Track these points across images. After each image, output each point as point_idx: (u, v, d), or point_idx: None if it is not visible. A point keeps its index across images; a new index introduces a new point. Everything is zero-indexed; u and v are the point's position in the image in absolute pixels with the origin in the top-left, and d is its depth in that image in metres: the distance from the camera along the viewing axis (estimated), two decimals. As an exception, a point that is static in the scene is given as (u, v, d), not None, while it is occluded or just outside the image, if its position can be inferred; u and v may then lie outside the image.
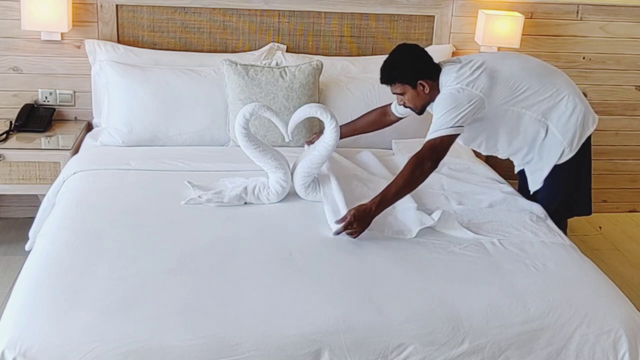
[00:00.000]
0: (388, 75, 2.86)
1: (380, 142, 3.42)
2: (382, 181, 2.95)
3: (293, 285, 2.27)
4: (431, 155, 2.70)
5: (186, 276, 2.28)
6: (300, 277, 2.32)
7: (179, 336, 2.03)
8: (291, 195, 2.87)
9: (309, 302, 2.19)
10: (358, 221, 2.55)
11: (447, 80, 2.81)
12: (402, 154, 3.29)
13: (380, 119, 3.24)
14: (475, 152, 3.33)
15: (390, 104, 3.17)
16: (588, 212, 3.09)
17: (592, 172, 3.05)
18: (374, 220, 2.60)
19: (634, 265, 3.80)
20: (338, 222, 2.58)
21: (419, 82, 2.83)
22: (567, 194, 2.99)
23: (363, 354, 2.11)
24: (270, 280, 2.29)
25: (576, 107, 2.88)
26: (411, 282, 2.33)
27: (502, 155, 3.07)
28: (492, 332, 2.19)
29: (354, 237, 2.56)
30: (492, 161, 3.45)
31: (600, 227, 4.07)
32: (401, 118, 3.19)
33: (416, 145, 3.39)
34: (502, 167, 3.37)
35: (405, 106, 2.95)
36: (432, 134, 2.73)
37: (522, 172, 3.10)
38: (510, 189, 3.08)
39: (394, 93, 2.91)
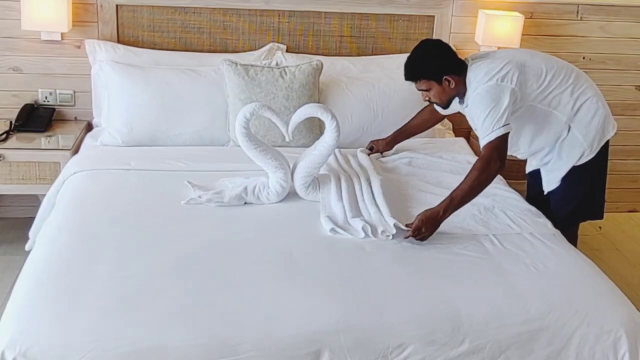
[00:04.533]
0: (413, 72, 2.82)
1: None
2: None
3: (293, 285, 2.27)
4: (495, 156, 2.67)
5: (186, 276, 2.28)
6: (300, 277, 2.32)
7: (179, 336, 2.03)
8: (291, 195, 2.87)
9: (309, 302, 2.19)
10: (426, 225, 2.56)
11: (477, 76, 2.77)
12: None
13: (432, 116, 3.20)
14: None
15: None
16: (600, 216, 3.08)
17: None
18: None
19: (633, 265, 3.79)
20: (408, 225, 2.57)
21: (445, 77, 2.79)
22: (583, 197, 2.98)
23: (363, 354, 2.11)
24: (271, 280, 2.29)
25: (598, 110, 2.88)
26: (411, 282, 2.33)
27: (522, 155, 3.06)
28: (492, 332, 2.19)
29: (423, 241, 2.56)
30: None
31: (600, 227, 4.06)
32: (447, 115, 3.17)
33: (414, 145, 3.40)
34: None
35: (430, 102, 2.92)
36: (487, 137, 2.70)
37: (533, 173, 3.09)
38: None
39: (419, 89, 2.87)
